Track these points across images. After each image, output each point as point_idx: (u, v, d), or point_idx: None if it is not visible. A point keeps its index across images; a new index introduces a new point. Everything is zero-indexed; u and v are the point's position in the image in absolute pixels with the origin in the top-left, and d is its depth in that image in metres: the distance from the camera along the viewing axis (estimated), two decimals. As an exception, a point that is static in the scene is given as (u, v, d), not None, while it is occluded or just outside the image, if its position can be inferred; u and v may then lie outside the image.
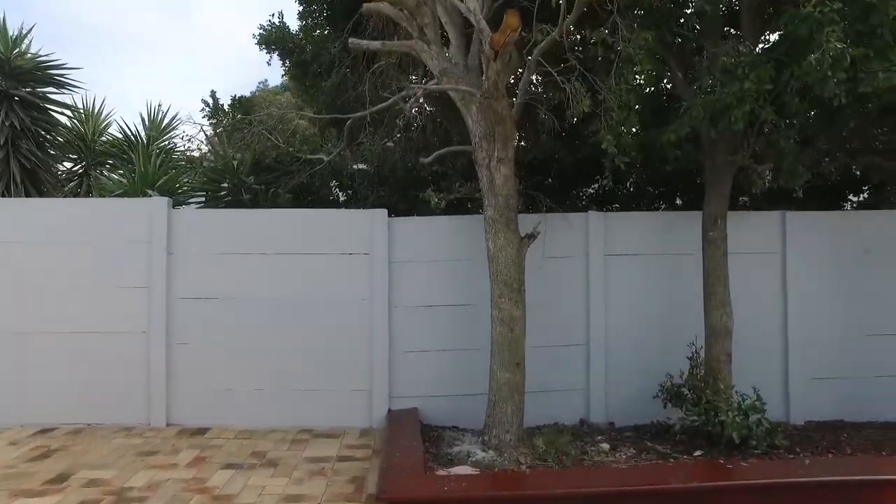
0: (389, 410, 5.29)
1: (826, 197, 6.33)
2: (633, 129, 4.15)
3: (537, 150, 6.49)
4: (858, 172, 6.35)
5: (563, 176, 6.86)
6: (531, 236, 4.54)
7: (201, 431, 5.11)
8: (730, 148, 4.78)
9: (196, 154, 8.66)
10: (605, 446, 4.68)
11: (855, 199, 6.81)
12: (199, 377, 5.28)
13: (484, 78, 3.97)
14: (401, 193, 6.72)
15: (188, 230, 5.44)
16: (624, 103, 4.08)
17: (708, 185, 4.98)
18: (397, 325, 5.38)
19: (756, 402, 4.41)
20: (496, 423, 4.56)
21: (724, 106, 4.01)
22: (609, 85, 4.10)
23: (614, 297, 5.47)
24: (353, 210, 5.83)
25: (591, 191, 7.45)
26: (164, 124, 9.15)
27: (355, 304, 5.37)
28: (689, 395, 4.64)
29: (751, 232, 5.53)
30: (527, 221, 4.79)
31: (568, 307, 5.47)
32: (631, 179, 6.29)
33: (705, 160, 5.01)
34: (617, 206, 6.89)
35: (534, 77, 5.68)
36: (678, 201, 6.94)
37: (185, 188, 7.58)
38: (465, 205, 6.07)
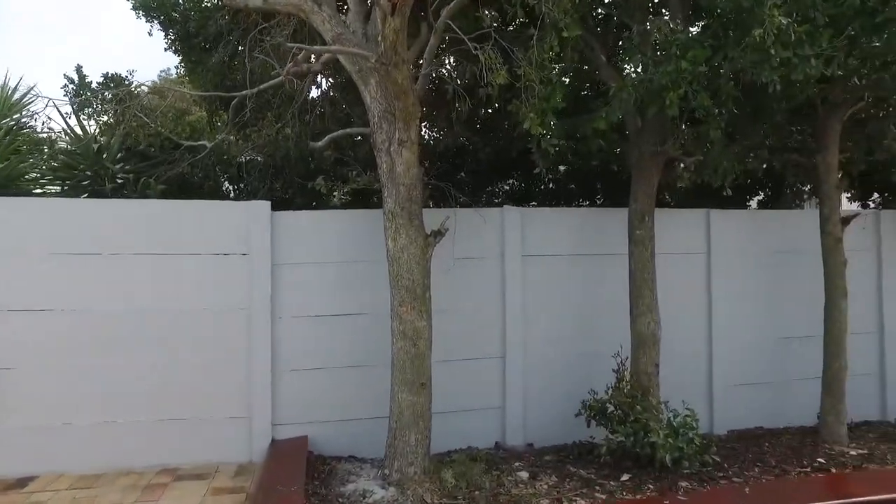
0: (273, 440, 4.43)
1: (731, 197, 6.14)
2: (559, 105, 3.56)
3: (450, 140, 5.87)
4: (761, 173, 6.25)
5: (479, 171, 6.29)
6: (438, 234, 3.86)
7: (21, 483, 3.99)
8: (657, 138, 4.35)
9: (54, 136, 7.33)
10: (524, 475, 4.09)
11: (755, 199, 6.74)
12: (23, 411, 4.16)
13: (380, 38, 3.24)
14: (298, 187, 5.87)
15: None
16: (547, 78, 3.49)
17: (634, 178, 4.52)
18: (283, 338, 4.51)
19: (688, 419, 3.97)
20: (398, 453, 3.86)
21: (658, 88, 3.52)
22: (531, 56, 3.49)
23: (534, 304, 4.88)
24: (226, 202, 4.87)
25: (507, 187, 6.95)
26: (13, 100, 7.68)
27: (231, 315, 4.44)
28: (616, 413, 4.14)
29: (676, 231, 5.16)
30: (434, 217, 4.10)
31: (481, 315, 4.81)
32: (550, 176, 5.78)
33: (631, 152, 4.56)
34: (535, 203, 6.40)
35: (448, 61, 5.07)
36: (599, 199, 6.55)
37: (34, 175, 6.31)
38: (370, 198, 5.32)
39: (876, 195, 6.85)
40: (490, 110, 6.01)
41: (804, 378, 5.50)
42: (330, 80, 5.97)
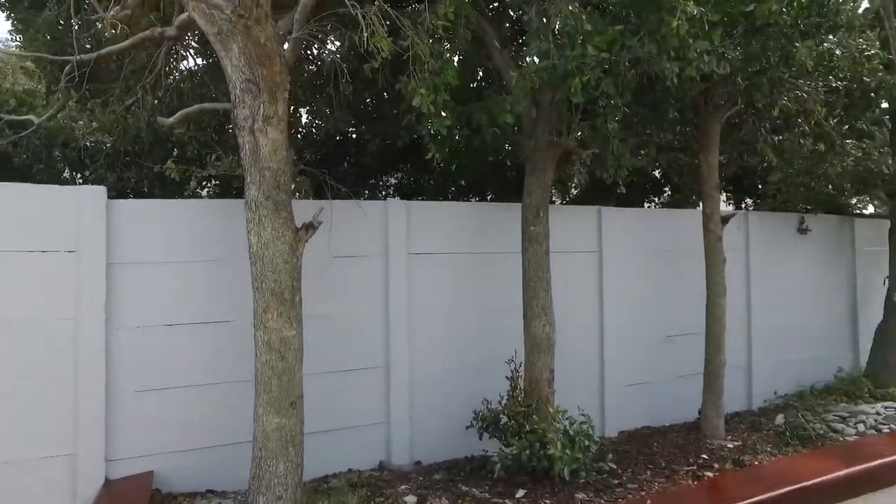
0: (108, 481, 3.62)
1: (632, 197, 6.18)
2: (452, 81, 3.17)
3: (331, 125, 5.31)
4: (658, 173, 6.37)
5: (365, 163, 5.80)
6: (310, 228, 3.31)
7: None
8: (553, 129, 4.11)
9: None
10: (411, 499, 3.65)
11: (654, 199, 6.86)
12: None
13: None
14: (156, 177, 5.03)
15: None
16: (438, 51, 3.08)
17: (529, 172, 4.25)
18: (123, 354, 3.71)
19: (584, 426, 3.75)
20: (264, 486, 3.26)
21: (563, 73, 3.24)
22: (421, 24, 3.07)
23: (421, 307, 4.45)
24: (48, 186, 3.94)
25: (396, 180, 6.52)
26: None
27: (53, 326, 3.58)
28: (510, 424, 3.83)
29: (570, 229, 5.00)
30: (306, 209, 3.54)
31: (362, 320, 4.30)
32: (441, 165, 5.41)
33: (526, 143, 4.29)
34: (424, 198, 6.02)
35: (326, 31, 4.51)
36: (490, 196, 6.31)
37: None
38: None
39: (748, 199, 7.25)
40: (376, 98, 5.55)
41: (687, 374, 5.59)
42: (191, 50, 5.19)
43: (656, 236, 5.62)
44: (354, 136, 5.75)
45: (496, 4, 4.56)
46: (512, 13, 4.49)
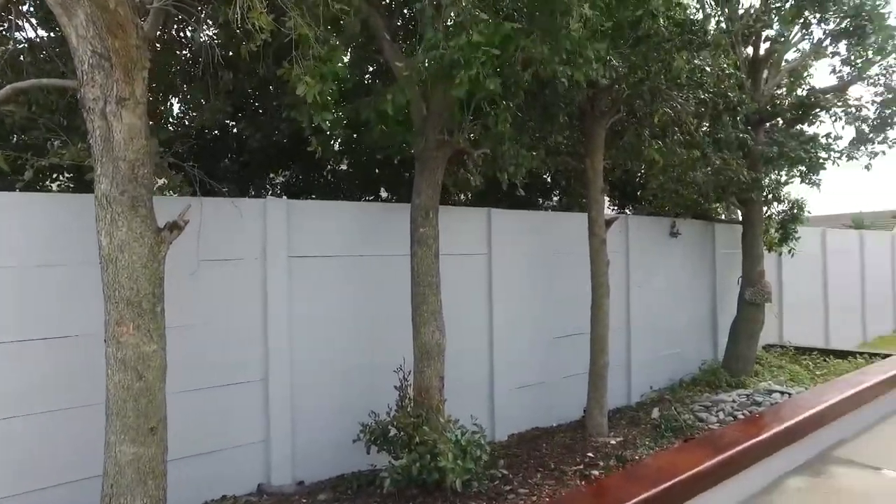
0: None
1: (525, 199, 6.24)
2: (340, 70, 2.92)
3: (207, 116, 4.81)
4: (548, 177, 6.50)
5: (247, 161, 5.33)
6: (175, 228, 2.90)
7: None
8: (444, 127, 3.99)
9: None
10: (292, 524, 3.35)
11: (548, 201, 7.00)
12: None
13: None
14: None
15: None
16: (325, 37, 2.82)
17: (418, 171, 4.09)
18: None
19: (476, 435, 3.66)
20: (117, 527, 2.81)
21: (449, 63, 3.11)
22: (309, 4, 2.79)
23: (303, 314, 4.13)
24: None
25: (283, 179, 6.09)
26: None
27: None
28: (399, 436, 3.64)
29: (459, 231, 4.90)
30: (171, 207, 3.13)
31: (236, 330, 3.89)
32: (331, 165, 5.12)
33: (416, 141, 4.13)
34: (314, 198, 5.67)
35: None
36: (383, 196, 6.08)
37: None
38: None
39: (629, 203, 7.63)
40: (258, 89, 5.12)
41: (573, 374, 5.73)
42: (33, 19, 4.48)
43: (545, 239, 5.71)
44: (235, 130, 5.28)
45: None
46: (405, 8, 4.31)
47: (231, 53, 4.06)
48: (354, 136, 3.87)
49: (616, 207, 7.60)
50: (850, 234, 12.58)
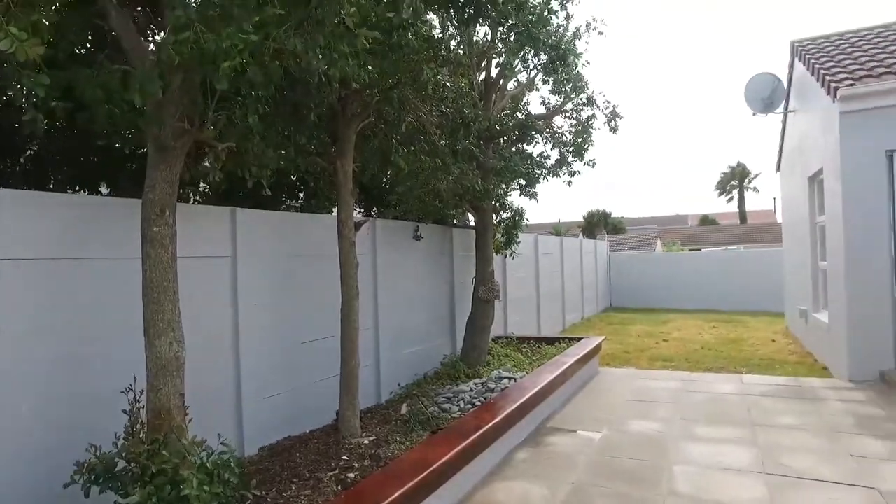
0: None
1: (268, 199, 5.92)
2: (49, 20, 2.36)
3: None
4: (294, 177, 6.30)
5: None
6: None
7: None
8: (184, 115, 3.54)
9: None
10: None
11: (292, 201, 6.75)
12: None
13: None
14: None
15: None
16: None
17: (152, 164, 3.55)
18: None
19: (225, 456, 3.31)
20: None
21: (213, 52, 2.76)
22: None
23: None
24: None
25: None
26: None
27: None
28: (130, 469, 3.10)
29: (200, 231, 4.43)
30: None
31: None
32: (35, 151, 4.13)
33: (149, 128, 3.58)
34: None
35: None
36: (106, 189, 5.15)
37: None
38: None
39: (376, 207, 7.83)
40: None
41: (325, 378, 5.66)
42: None
43: (295, 241, 5.53)
44: None
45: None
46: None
47: None
48: (68, 113, 3.18)
49: (363, 210, 7.77)
50: (552, 239, 15.02)
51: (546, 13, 6.87)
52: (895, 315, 7.38)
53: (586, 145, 8.06)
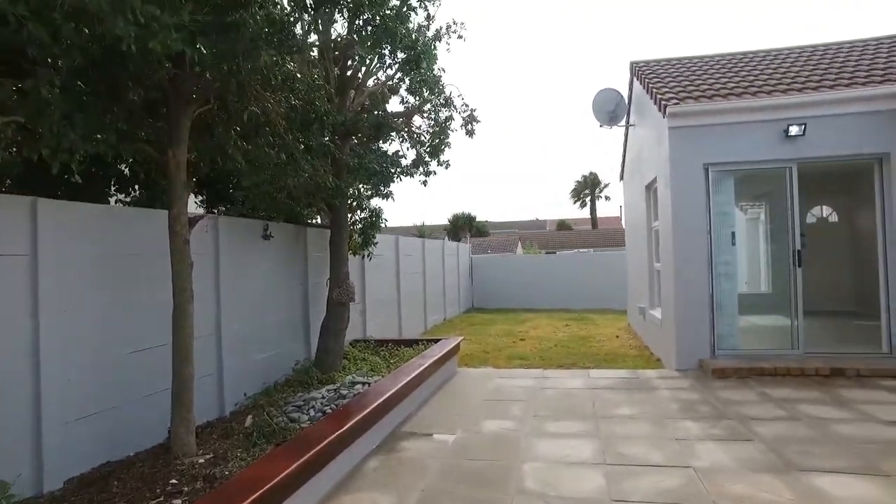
0: None
1: (82, 190, 5.17)
2: None
3: None
4: (126, 168, 5.59)
5: None
6: None
7: None
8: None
9: None
10: None
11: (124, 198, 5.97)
12: None
13: None
14: None
15: None
16: None
17: None
18: None
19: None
20: None
21: None
22: None
23: None
24: None
25: None
26: None
27: None
28: None
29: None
30: None
31: None
32: None
33: None
34: None
35: None
36: None
37: None
38: None
39: (221, 204, 7.19)
40: None
41: (156, 392, 5.06)
42: None
43: (121, 238, 4.88)
44: None
45: None
46: None
47: None
48: None
49: (207, 207, 7.13)
50: (415, 240, 15.06)
51: (405, 9, 6.77)
52: (711, 311, 8.27)
53: (443, 146, 8.08)
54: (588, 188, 62.75)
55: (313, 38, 7.22)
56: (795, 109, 8.10)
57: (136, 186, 5.98)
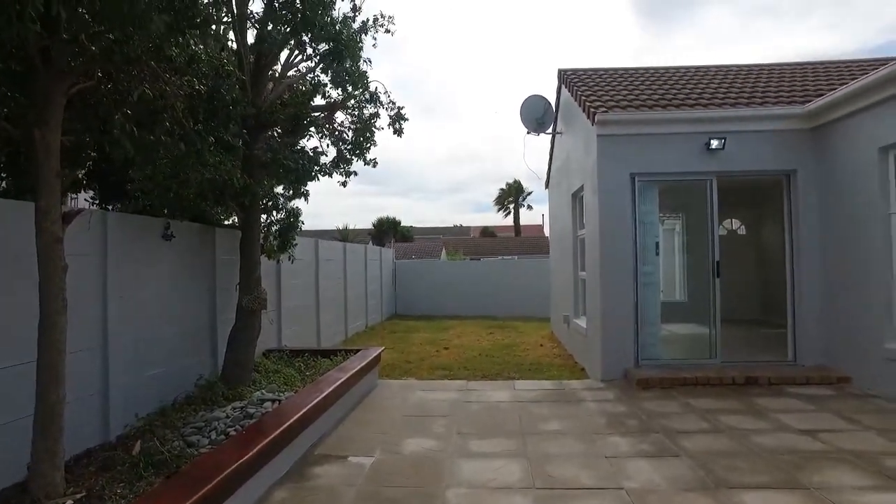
0: None
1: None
2: None
3: None
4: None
5: None
6: None
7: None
8: None
9: None
10: None
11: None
12: None
13: None
14: None
15: None
16: None
17: None
18: None
19: None
20: None
21: None
22: None
23: None
24: None
25: None
26: None
27: None
28: None
29: None
30: None
31: None
32: None
33: None
34: None
35: None
36: None
37: None
38: None
39: (117, 200, 6.35)
40: None
41: (17, 419, 4.26)
42: None
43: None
44: None
45: None
46: None
47: None
48: None
49: (98, 201, 6.28)
50: (336, 244, 14.41)
51: (327, -4, 6.28)
52: (636, 320, 8.27)
53: (368, 144, 7.60)
54: (512, 196, 63.83)
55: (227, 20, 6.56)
56: (716, 123, 8.27)
57: (6, 174, 5.13)
